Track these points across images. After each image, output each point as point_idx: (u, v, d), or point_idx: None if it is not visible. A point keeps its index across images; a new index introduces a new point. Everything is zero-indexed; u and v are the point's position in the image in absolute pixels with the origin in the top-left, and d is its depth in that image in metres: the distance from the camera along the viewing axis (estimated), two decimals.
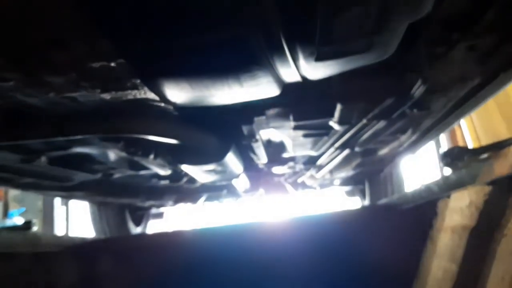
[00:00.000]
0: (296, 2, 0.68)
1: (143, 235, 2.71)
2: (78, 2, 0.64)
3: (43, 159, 1.43)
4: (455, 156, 1.21)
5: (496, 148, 1.02)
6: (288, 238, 1.52)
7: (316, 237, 1.49)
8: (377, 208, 1.79)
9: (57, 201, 4.00)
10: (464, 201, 1.13)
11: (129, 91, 1.03)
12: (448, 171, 1.26)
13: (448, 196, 1.23)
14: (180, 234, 1.64)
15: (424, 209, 1.36)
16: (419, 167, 3.46)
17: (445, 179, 1.25)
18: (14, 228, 2.74)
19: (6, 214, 4.15)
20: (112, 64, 0.84)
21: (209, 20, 0.69)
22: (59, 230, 3.91)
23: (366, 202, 3.07)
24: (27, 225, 2.68)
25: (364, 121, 1.32)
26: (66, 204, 4.08)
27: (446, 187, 1.22)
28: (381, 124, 1.41)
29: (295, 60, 0.84)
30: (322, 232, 1.50)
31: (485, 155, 1.07)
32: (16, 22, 0.70)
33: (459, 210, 1.16)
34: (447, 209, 1.25)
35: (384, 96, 1.18)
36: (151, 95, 1.09)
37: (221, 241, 1.50)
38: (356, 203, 3.35)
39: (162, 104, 1.17)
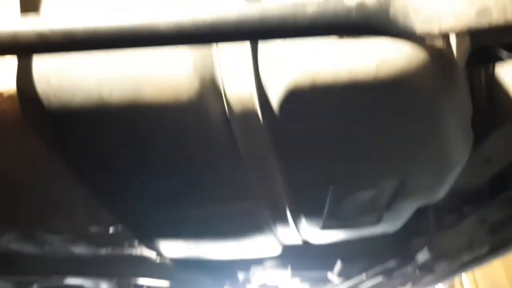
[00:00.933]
0: (307, 184, 0.68)
1: None
2: (80, 179, 0.65)
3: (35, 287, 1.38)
4: None
5: None
6: None
7: None
8: None
9: None
10: None
11: (126, 248, 1.01)
12: None
13: None
14: None
15: None
16: None
17: None
18: None
19: None
20: (110, 230, 0.83)
21: (216, 195, 0.69)
22: None
23: None
24: None
25: (364, 276, 1.27)
26: None
27: None
28: (381, 278, 1.37)
29: (298, 228, 0.82)
30: None
31: None
32: (14, 189, 0.70)
33: None
34: None
35: (388, 257, 1.14)
36: (148, 251, 1.09)
37: None
38: None
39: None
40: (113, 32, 0.45)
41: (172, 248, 0.86)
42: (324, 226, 0.78)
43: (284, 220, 0.76)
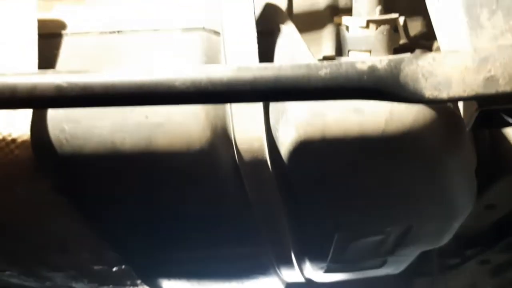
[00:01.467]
0: (314, 231, 0.68)
1: None
2: (87, 220, 0.65)
3: None
4: None
5: None
6: None
7: None
8: None
9: None
10: None
11: (128, 287, 1.01)
12: None
13: None
14: None
15: None
16: None
17: None
18: None
19: None
20: (114, 269, 0.83)
21: (223, 239, 0.69)
22: None
23: None
24: None
25: None
26: None
27: None
28: None
29: (302, 270, 0.82)
30: None
31: None
32: (19, 229, 0.70)
33: None
34: None
35: None
36: None
37: None
38: None
39: None
40: (131, 88, 0.46)
41: None
42: (328, 270, 0.79)
43: (289, 263, 0.76)
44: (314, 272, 0.81)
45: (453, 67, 0.45)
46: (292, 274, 0.85)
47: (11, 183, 0.61)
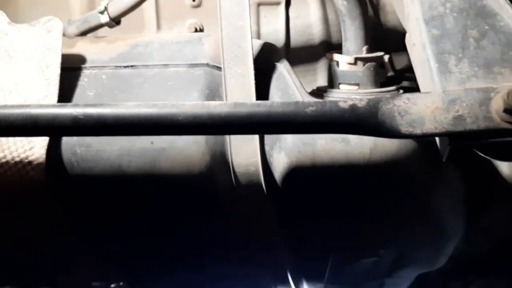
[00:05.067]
0: (308, 252, 0.73)
1: None
2: (91, 239, 0.71)
3: None
4: None
5: None
6: None
7: None
8: None
9: None
10: None
11: None
12: None
13: None
14: None
15: None
16: None
17: None
18: None
19: None
20: (112, 286, 0.88)
21: (221, 259, 0.74)
22: None
23: None
24: None
25: None
26: None
27: None
28: None
29: None
30: None
31: None
32: (24, 247, 0.76)
33: None
34: None
35: None
36: None
37: None
38: None
39: None
40: (139, 120, 0.53)
41: None
42: None
43: (285, 284, 0.81)
44: None
45: (425, 107, 0.51)
46: None
47: (24, 202, 0.68)
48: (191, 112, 0.53)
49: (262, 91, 0.66)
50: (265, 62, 0.68)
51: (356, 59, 0.70)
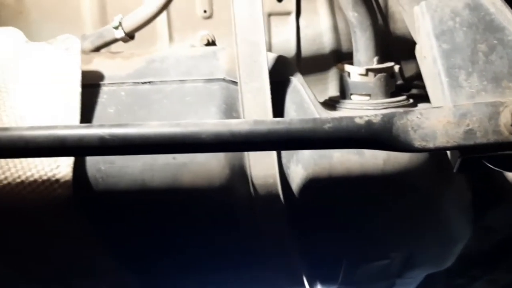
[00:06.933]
0: (323, 256, 0.78)
1: None
2: (115, 250, 0.74)
3: None
4: None
5: None
6: None
7: None
8: None
9: None
10: None
11: None
12: None
13: None
14: None
15: None
16: None
17: None
18: None
19: None
20: None
21: (239, 264, 0.78)
22: None
23: None
24: None
25: None
26: None
27: None
28: None
29: None
30: None
31: None
32: (50, 258, 0.80)
33: None
34: None
35: None
36: None
37: None
38: None
39: None
40: (164, 139, 0.57)
41: None
42: None
43: (300, 286, 0.86)
44: None
45: (437, 121, 0.55)
46: None
47: (51, 217, 0.73)
48: (214, 131, 0.57)
49: (277, 105, 0.70)
50: (279, 76, 0.72)
51: (368, 70, 0.75)
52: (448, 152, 0.62)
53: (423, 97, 0.87)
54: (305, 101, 0.70)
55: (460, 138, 0.55)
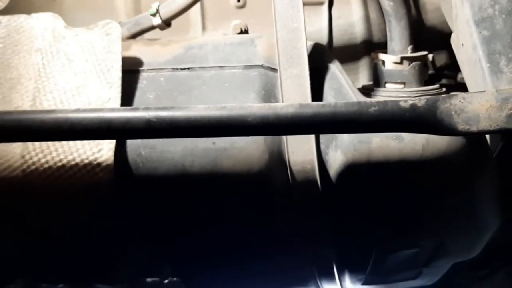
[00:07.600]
0: (355, 245, 0.79)
1: None
2: (151, 236, 0.75)
3: None
4: None
5: None
6: None
7: None
8: None
9: None
10: None
11: None
12: None
13: None
14: None
15: None
16: None
17: None
18: None
19: None
20: (166, 281, 0.93)
21: (273, 252, 0.79)
22: None
23: None
24: None
25: None
26: None
27: None
28: None
29: (341, 281, 0.93)
30: None
31: None
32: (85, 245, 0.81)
33: None
34: None
35: None
36: None
37: None
38: None
39: None
40: (211, 122, 0.59)
41: None
42: (366, 282, 0.90)
43: (330, 275, 0.87)
44: (352, 284, 0.93)
45: (480, 105, 0.57)
46: (331, 287, 0.96)
47: (92, 201, 0.74)
48: (260, 114, 0.59)
49: (316, 91, 0.72)
50: (318, 62, 0.74)
51: (402, 58, 0.77)
52: (488, 138, 0.64)
53: (453, 87, 0.89)
54: (344, 87, 0.72)
55: (503, 122, 0.56)
